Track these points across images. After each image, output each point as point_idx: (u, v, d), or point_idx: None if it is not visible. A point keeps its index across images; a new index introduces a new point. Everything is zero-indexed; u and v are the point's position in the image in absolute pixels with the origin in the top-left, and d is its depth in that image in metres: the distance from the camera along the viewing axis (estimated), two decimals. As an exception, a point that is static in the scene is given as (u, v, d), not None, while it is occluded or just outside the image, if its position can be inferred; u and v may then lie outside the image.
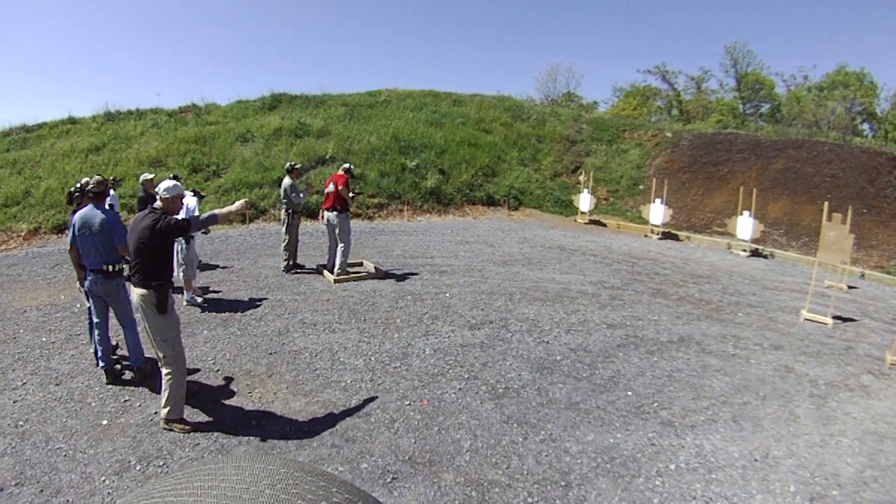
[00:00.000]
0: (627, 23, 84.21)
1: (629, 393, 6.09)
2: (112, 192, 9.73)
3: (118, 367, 5.92)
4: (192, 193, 8.39)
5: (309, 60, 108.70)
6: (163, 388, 4.73)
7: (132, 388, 5.60)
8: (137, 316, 5.06)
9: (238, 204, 4.99)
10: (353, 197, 10.09)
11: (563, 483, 4.37)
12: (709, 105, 42.94)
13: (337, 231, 9.71)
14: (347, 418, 5.09)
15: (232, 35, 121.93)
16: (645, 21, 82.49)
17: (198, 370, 5.96)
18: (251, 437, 4.70)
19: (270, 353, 6.47)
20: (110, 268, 5.48)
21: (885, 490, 4.71)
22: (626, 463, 4.74)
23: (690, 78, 45.66)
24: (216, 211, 4.84)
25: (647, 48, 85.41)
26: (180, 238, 7.08)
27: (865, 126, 38.84)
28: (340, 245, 9.71)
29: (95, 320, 5.72)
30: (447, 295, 9.18)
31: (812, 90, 39.97)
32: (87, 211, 5.53)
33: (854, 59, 67.94)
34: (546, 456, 4.73)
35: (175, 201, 4.83)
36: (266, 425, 4.91)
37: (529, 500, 4.14)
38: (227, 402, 5.34)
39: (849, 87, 37.72)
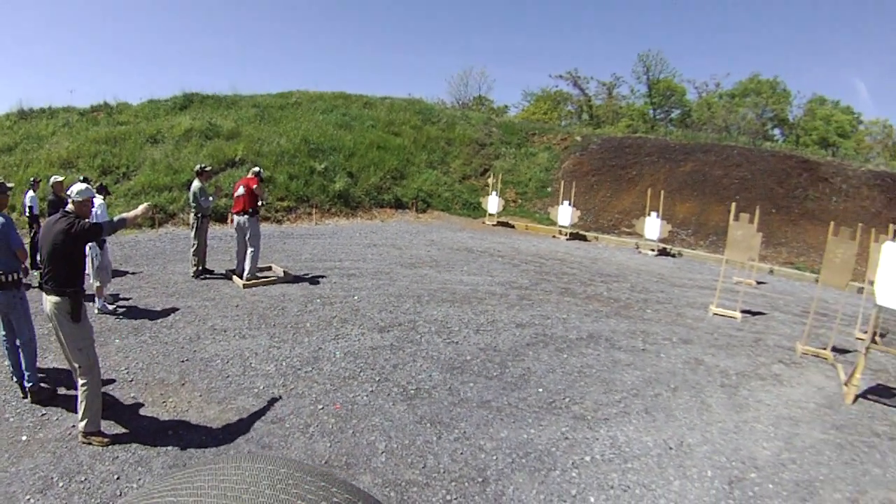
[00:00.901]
0: (542, 29, 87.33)
1: (540, 389, 6.23)
2: (31, 193, 10.40)
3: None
4: (97, 192, 8.16)
5: (222, 59, 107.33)
6: (79, 399, 4.70)
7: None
8: (49, 325, 5.03)
9: (142, 207, 5.19)
10: (261, 203, 10.21)
11: (480, 479, 4.45)
12: (619, 110, 44.79)
13: (247, 235, 9.77)
14: (262, 425, 5.14)
15: (147, 31, 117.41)
16: (561, 28, 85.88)
17: (113, 381, 5.87)
18: (169, 448, 4.70)
19: (182, 361, 6.46)
20: (4, 277, 5.33)
21: (804, 470, 5.02)
22: (541, 457, 4.84)
23: (602, 84, 47.48)
24: (125, 215, 5.01)
25: (563, 55, 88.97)
26: (93, 243, 7.24)
27: (776, 131, 41.79)
28: (250, 249, 9.78)
29: (2, 333, 5.62)
30: (356, 298, 9.24)
31: (723, 97, 42.56)
32: None
33: (769, 68, 73.33)
34: (461, 454, 4.81)
35: (86, 204, 4.86)
36: (182, 434, 4.92)
37: (448, 497, 4.20)
38: (142, 412, 5.30)
39: (761, 95, 40.39)
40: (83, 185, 4.86)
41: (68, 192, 4.87)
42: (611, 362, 7.21)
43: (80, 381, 4.68)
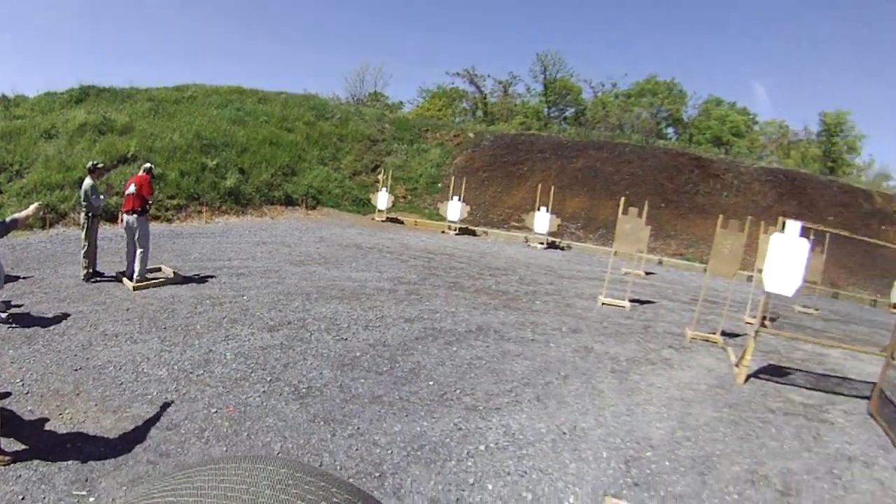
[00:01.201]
0: (443, 27, 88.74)
1: (431, 382, 6.25)
2: None
3: None
4: None
5: (121, 51, 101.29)
6: None
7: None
8: None
9: (33, 207, 5.17)
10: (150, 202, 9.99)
11: (377, 474, 4.44)
12: (514, 108, 46.01)
13: (136, 235, 9.48)
14: (157, 432, 5.01)
15: (47, 19, 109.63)
16: (461, 27, 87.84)
17: (9, 394, 5.54)
18: (70, 462, 4.53)
19: (76, 370, 6.16)
20: None
21: (699, 446, 5.27)
22: (435, 449, 4.85)
23: (498, 81, 48.75)
24: (16, 215, 4.99)
25: (464, 54, 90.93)
26: None
27: (670, 130, 44.37)
28: (139, 250, 9.48)
29: None
30: (245, 298, 9.06)
31: (619, 96, 44.67)
32: None
33: (668, 71, 77.52)
34: (356, 450, 4.79)
35: None
36: (81, 447, 4.74)
37: (346, 494, 4.08)
38: (40, 426, 5.07)
39: (657, 95, 42.64)
40: None
41: None
42: (500, 353, 7.33)
43: None
